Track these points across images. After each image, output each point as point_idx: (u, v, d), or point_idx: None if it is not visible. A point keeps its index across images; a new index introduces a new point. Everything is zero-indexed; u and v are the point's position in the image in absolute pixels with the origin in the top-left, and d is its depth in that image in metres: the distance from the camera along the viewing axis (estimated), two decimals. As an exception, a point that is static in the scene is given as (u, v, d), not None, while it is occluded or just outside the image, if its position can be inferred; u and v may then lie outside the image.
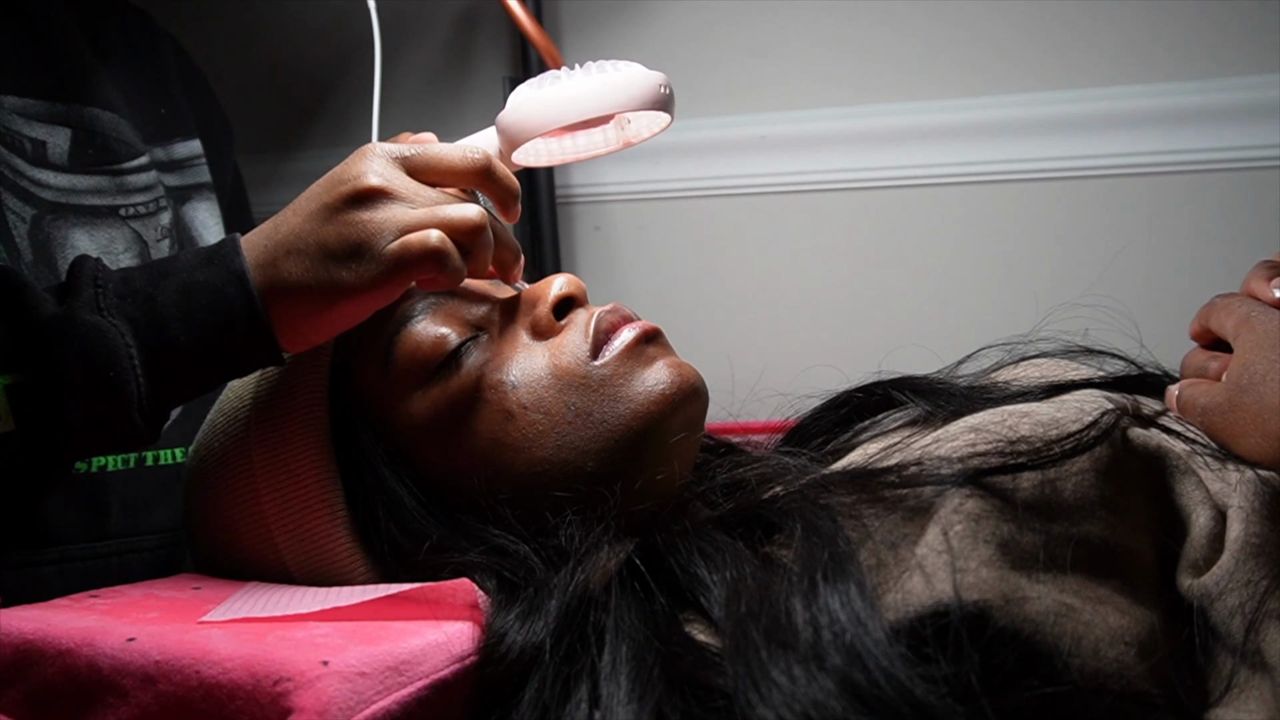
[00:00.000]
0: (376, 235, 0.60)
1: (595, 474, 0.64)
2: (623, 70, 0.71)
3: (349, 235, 0.60)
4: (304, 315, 0.62)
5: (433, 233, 0.61)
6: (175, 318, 0.61)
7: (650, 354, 0.68)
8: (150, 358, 0.60)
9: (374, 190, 0.61)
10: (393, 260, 0.60)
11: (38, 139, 0.82)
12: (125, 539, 0.81)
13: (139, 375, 0.60)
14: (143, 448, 0.63)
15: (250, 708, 0.49)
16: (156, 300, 0.61)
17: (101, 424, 0.60)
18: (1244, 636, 0.52)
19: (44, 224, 0.80)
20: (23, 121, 0.81)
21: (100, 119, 0.86)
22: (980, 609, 0.49)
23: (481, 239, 0.64)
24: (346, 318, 0.63)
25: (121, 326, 0.60)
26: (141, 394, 0.60)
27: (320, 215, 0.62)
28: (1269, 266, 0.63)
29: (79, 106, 0.85)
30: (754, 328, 1.33)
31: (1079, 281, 1.19)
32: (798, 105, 1.30)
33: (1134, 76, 1.19)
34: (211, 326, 0.61)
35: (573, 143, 0.78)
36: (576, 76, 0.70)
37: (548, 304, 0.69)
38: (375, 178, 0.62)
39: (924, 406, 0.68)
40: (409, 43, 1.41)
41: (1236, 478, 0.57)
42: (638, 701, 0.49)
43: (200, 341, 0.61)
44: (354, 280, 0.60)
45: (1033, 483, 0.55)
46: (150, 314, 0.61)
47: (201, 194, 0.96)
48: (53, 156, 0.82)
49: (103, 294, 0.61)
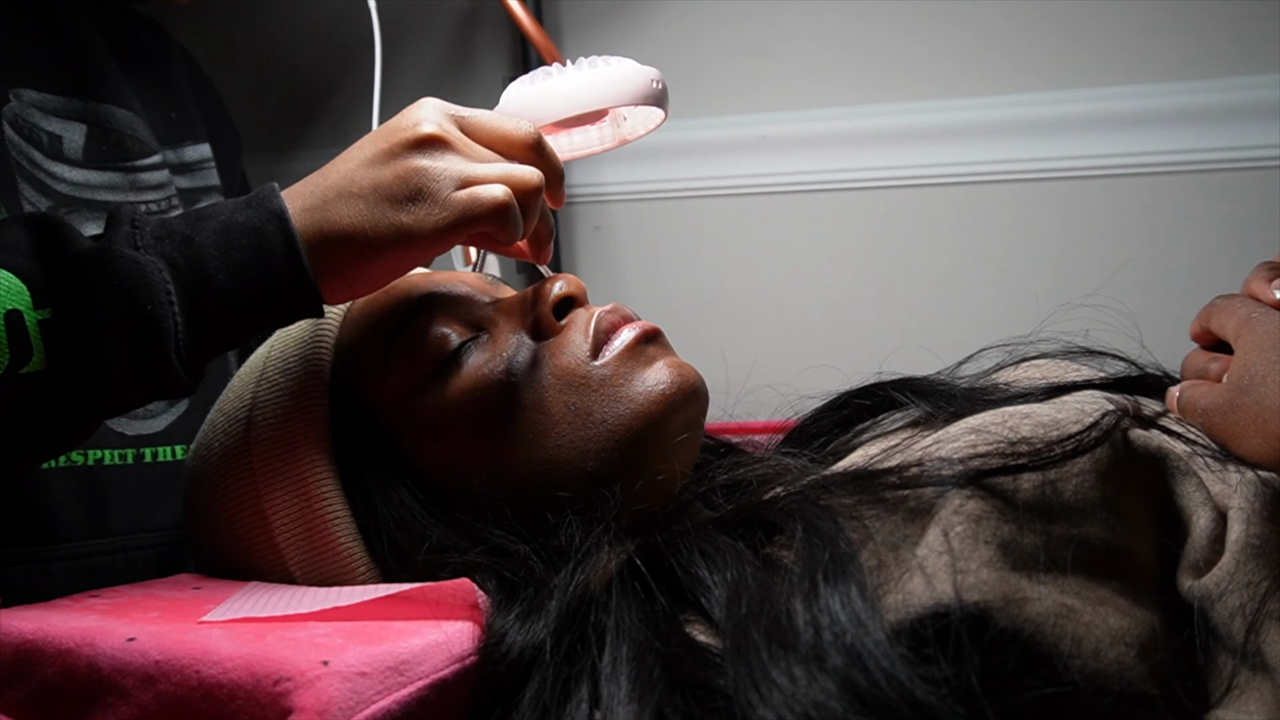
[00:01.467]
0: (440, 180, 0.60)
1: (595, 474, 0.64)
2: (615, 65, 0.71)
3: (411, 179, 0.60)
4: (354, 261, 0.61)
5: (500, 187, 0.61)
6: (213, 257, 0.59)
7: (650, 354, 0.68)
8: (188, 296, 0.58)
9: (435, 138, 0.62)
10: (461, 207, 0.60)
11: (54, 133, 0.82)
12: (128, 536, 0.81)
13: (176, 313, 0.58)
14: (180, 395, 0.60)
15: (250, 708, 0.49)
16: (194, 241, 0.59)
17: (140, 365, 0.58)
18: (1244, 638, 0.52)
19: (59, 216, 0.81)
20: (41, 115, 0.82)
21: (116, 116, 0.87)
22: (981, 610, 0.49)
23: (537, 204, 0.64)
24: (398, 265, 0.62)
25: (159, 264, 0.58)
26: (179, 333, 0.58)
27: (378, 160, 0.61)
28: (1269, 268, 0.63)
29: (95, 103, 0.85)
30: (753, 328, 1.33)
31: (1079, 282, 1.19)
32: (798, 105, 1.30)
33: (1134, 76, 1.20)
34: (250, 266, 0.59)
35: (568, 140, 0.78)
36: (569, 72, 0.70)
37: (548, 304, 0.69)
38: (434, 127, 0.62)
39: (925, 407, 0.68)
40: (409, 43, 1.41)
41: (1237, 479, 0.57)
42: (638, 702, 0.49)
43: (239, 281, 0.59)
44: (414, 223, 0.60)
45: (1033, 484, 0.55)
46: (188, 254, 0.59)
47: (210, 197, 0.96)
48: (68, 151, 0.83)
49: (139, 234, 0.59)
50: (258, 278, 0.59)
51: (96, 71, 0.86)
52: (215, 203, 0.64)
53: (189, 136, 0.97)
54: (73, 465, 0.78)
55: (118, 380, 0.58)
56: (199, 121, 0.99)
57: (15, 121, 0.80)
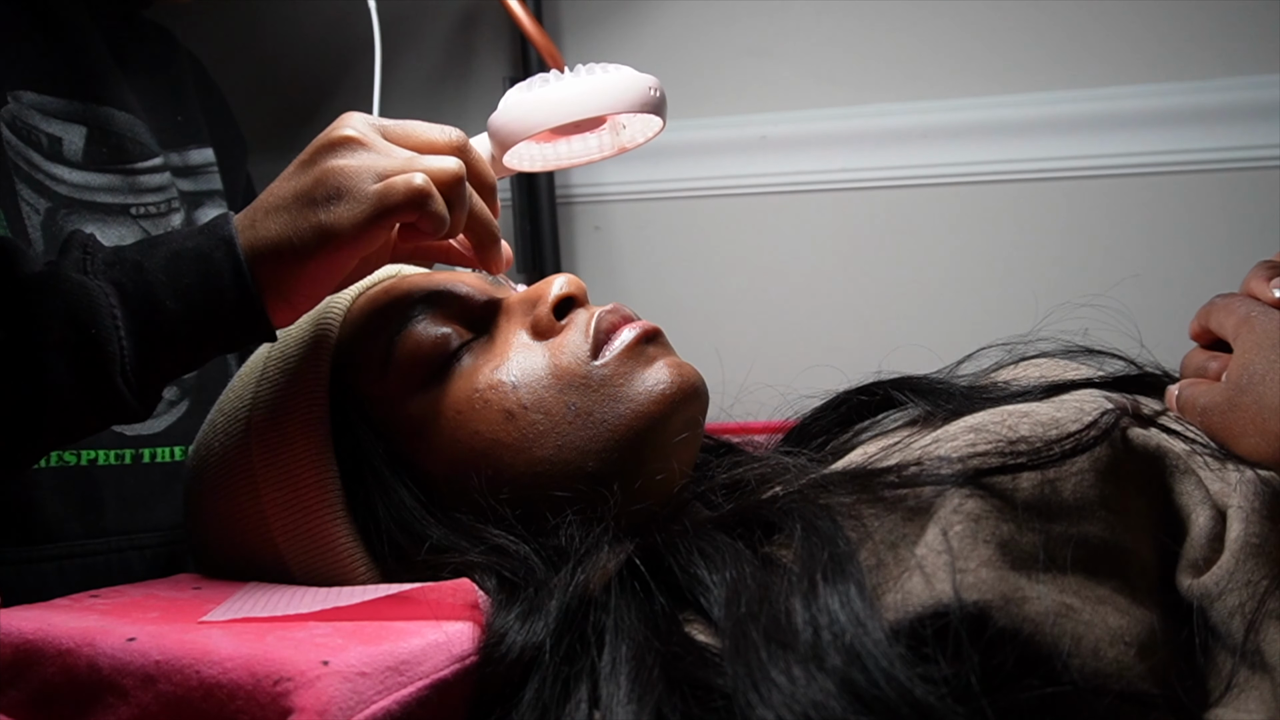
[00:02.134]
0: (355, 177, 0.60)
1: (595, 474, 0.64)
2: (612, 73, 0.71)
3: (326, 179, 0.60)
4: (284, 272, 0.61)
5: (416, 175, 0.61)
6: (162, 283, 0.60)
7: (650, 354, 0.68)
8: (136, 322, 0.59)
9: (350, 139, 0.62)
10: (376, 198, 0.60)
11: (54, 135, 0.83)
12: (124, 536, 0.81)
13: (122, 337, 0.59)
14: (130, 421, 0.61)
15: (250, 708, 0.49)
16: (145, 267, 0.60)
17: (84, 387, 0.58)
18: (1244, 636, 0.52)
19: (57, 218, 0.81)
20: (40, 117, 0.82)
21: (116, 119, 0.87)
22: (980, 609, 0.49)
23: (459, 191, 0.63)
24: (326, 269, 0.61)
25: (106, 288, 0.59)
26: (125, 356, 0.59)
27: (297, 169, 0.62)
28: (1269, 266, 0.63)
29: (95, 106, 0.86)
30: (753, 327, 1.33)
31: (1079, 281, 1.20)
32: (798, 105, 1.30)
33: (1134, 76, 1.19)
34: (198, 291, 0.60)
35: (567, 147, 0.78)
36: (566, 79, 0.70)
37: (548, 304, 0.69)
38: (351, 130, 0.62)
39: (924, 406, 0.68)
40: (409, 43, 1.41)
41: (1236, 477, 0.57)
42: (637, 702, 0.49)
43: (186, 306, 0.60)
44: (333, 221, 0.60)
45: (1032, 483, 0.55)
46: (137, 279, 0.60)
47: (214, 201, 0.97)
48: (68, 153, 0.83)
49: (90, 260, 0.60)
50: (205, 301, 0.60)
51: (97, 74, 0.87)
52: (171, 232, 0.65)
53: (193, 140, 0.97)
54: (65, 465, 0.78)
55: (64, 403, 0.58)
56: (203, 126, 0.99)
57: (13, 123, 0.80)
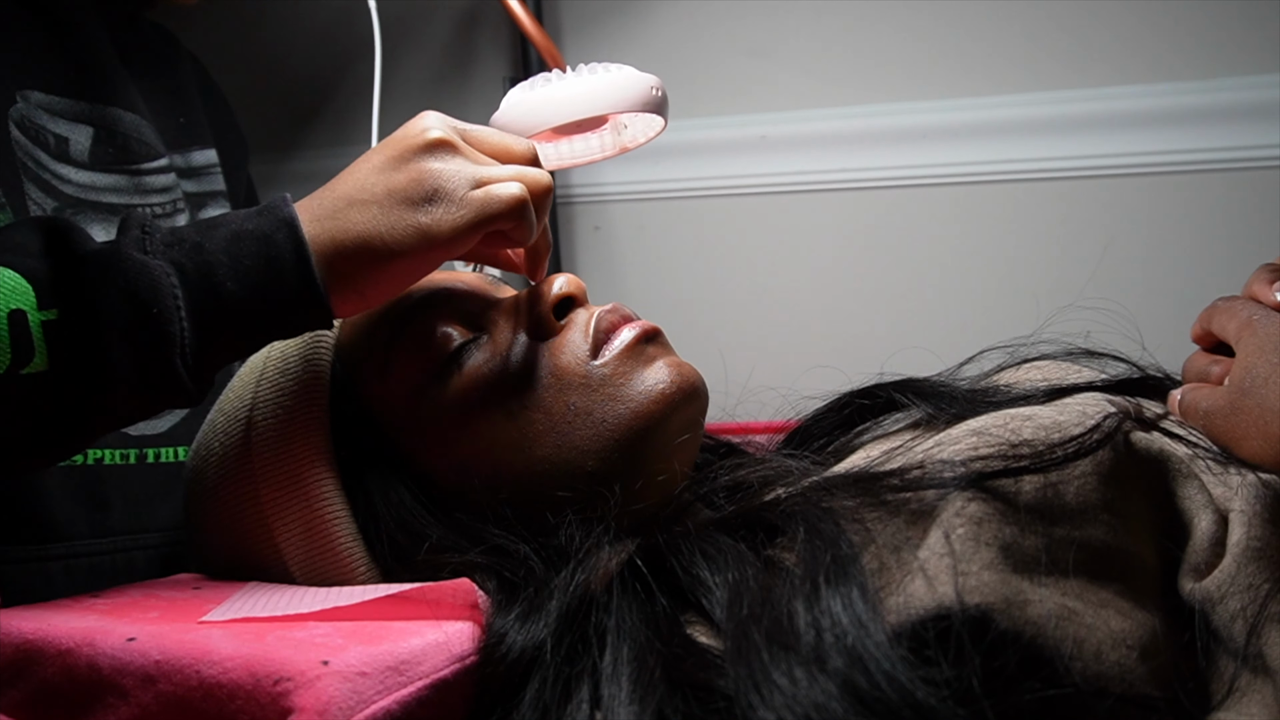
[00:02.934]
0: (455, 180, 0.61)
1: (596, 474, 0.64)
2: (614, 72, 0.70)
3: (426, 181, 0.61)
4: (368, 267, 0.61)
5: (516, 184, 0.62)
6: (222, 264, 0.59)
7: (650, 354, 0.68)
8: (196, 302, 0.58)
9: (444, 142, 0.62)
10: (479, 204, 0.61)
11: (61, 135, 0.83)
12: (129, 536, 0.81)
13: (183, 317, 0.58)
14: (184, 405, 0.60)
15: (250, 707, 0.49)
16: (204, 247, 0.59)
17: (143, 369, 0.57)
18: (1245, 640, 0.52)
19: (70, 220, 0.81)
20: (48, 117, 0.82)
21: (122, 119, 0.87)
22: (982, 612, 0.49)
23: (546, 206, 0.65)
24: (414, 269, 0.62)
25: (167, 268, 0.58)
26: (185, 338, 0.58)
27: (388, 166, 0.62)
28: (1271, 269, 0.63)
29: (102, 106, 0.86)
30: (753, 328, 1.33)
31: (1080, 282, 1.20)
32: (798, 105, 1.30)
33: (1134, 76, 1.19)
34: (258, 272, 0.59)
35: (569, 147, 0.77)
36: (568, 79, 0.70)
37: (548, 304, 0.69)
38: (441, 133, 0.63)
39: (926, 409, 0.68)
40: (409, 43, 1.41)
41: (1238, 481, 0.57)
42: (639, 703, 0.49)
43: (247, 288, 0.59)
44: (432, 224, 0.60)
45: (1035, 486, 0.55)
46: (197, 260, 0.59)
47: (217, 201, 0.97)
48: (74, 153, 0.83)
49: (149, 239, 0.59)
50: (265, 284, 0.59)
51: (104, 75, 0.87)
52: (227, 212, 0.64)
53: (196, 141, 0.97)
54: (72, 464, 0.78)
55: (120, 384, 0.57)
56: (206, 127, 0.99)
57: (22, 122, 0.80)
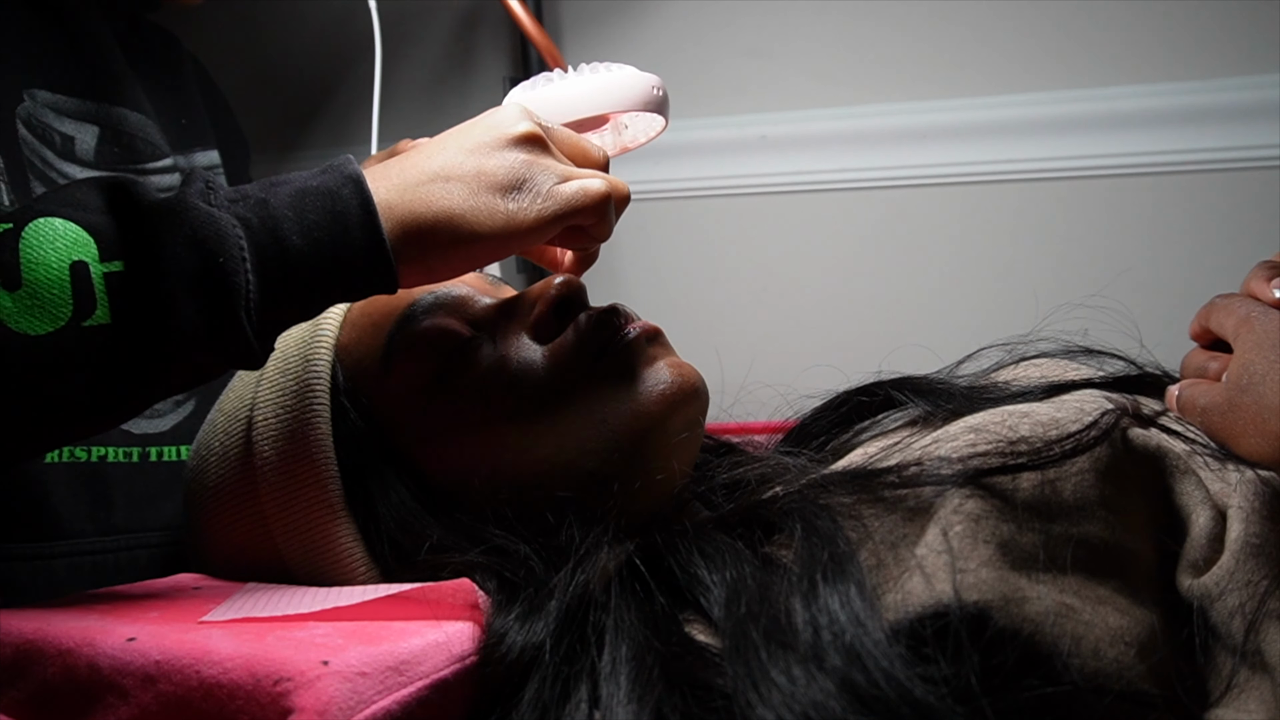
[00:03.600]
0: (545, 173, 0.62)
1: (596, 474, 0.64)
2: (615, 72, 0.71)
3: (517, 170, 0.62)
4: (445, 244, 0.61)
5: (602, 181, 0.63)
6: (288, 218, 0.58)
7: (651, 354, 0.68)
8: (261, 256, 0.57)
9: (536, 137, 0.64)
10: (567, 196, 0.62)
11: (67, 134, 0.83)
12: (132, 534, 0.81)
13: (249, 270, 0.56)
14: (247, 363, 0.59)
15: (250, 707, 0.49)
16: (269, 203, 0.58)
17: (208, 320, 0.56)
18: (1244, 636, 0.52)
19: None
20: (54, 116, 0.83)
21: (128, 119, 0.88)
22: (980, 609, 0.49)
23: (623, 206, 0.66)
24: (492, 252, 0.62)
25: (233, 220, 0.57)
26: (250, 292, 0.56)
27: (480, 150, 0.63)
28: (1269, 266, 0.63)
29: (108, 106, 0.86)
30: (753, 328, 1.33)
31: (1079, 281, 1.20)
32: (798, 105, 1.30)
33: (1134, 76, 1.19)
34: (324, 228, 0.58)
35: None
36: (569, 78, 0.70)
37: (548, 304, 0.69)
38: (532, 127, 0.64)
39: (924, 406, 0.68)
40: (409, 43, 1.41)
41: (1236, 478, 0.57)
42: (637, 702, 0.49)
43: (312, 244, 0.58)
44: (518, 210, 0.61)
45: (1032, 483, 0.55)
46: (262, 214, 0.58)
47: None
48: (80, 152, 0.84)
49: (214, 193, 0.58)
50: (332, 240, 0.58)
51: (110, 75, 0.87)
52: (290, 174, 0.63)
53: (199, 142, 0.97)
54: (76, 461, 0.78)
55: (183, 338, 0.56)
56: (208, 128, 1.00)
57: (29, 121, 0.81)
